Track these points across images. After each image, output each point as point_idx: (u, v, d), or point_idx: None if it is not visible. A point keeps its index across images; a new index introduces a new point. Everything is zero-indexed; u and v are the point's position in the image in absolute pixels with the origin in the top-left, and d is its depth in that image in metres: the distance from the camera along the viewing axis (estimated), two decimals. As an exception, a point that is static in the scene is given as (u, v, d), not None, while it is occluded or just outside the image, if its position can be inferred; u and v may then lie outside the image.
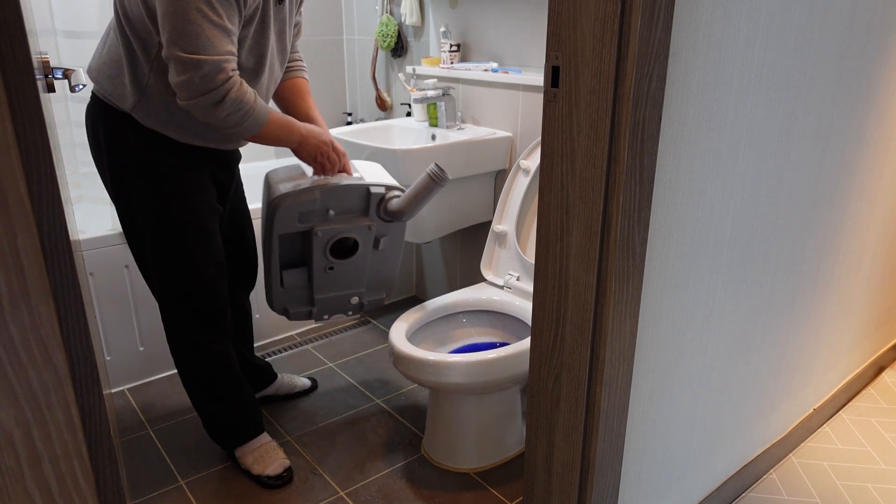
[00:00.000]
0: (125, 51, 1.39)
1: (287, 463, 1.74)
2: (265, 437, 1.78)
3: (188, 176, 1.50)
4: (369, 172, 1.69)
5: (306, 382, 2.13)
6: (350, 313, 1.80)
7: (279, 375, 2.06)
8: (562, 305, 1.09)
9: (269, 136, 1.45)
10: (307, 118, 1.67)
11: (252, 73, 1.46)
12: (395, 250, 1.74)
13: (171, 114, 1.42)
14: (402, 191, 1.64)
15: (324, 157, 1.57)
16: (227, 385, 1.69)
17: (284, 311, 1.73)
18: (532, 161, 1.91)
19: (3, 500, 0.78)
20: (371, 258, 1.70)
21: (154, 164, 1.46)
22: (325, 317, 1.77)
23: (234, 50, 1.30)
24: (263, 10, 1.40)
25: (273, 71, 1.53)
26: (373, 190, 1.59)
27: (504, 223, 1.96)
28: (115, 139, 1.46)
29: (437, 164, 1.53)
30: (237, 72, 1.32)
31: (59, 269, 0.74)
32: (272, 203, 1.54)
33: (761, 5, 1.09)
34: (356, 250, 1.65)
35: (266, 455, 1.73)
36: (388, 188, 1.61)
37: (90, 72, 1.47)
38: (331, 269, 1.66)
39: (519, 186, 1.94)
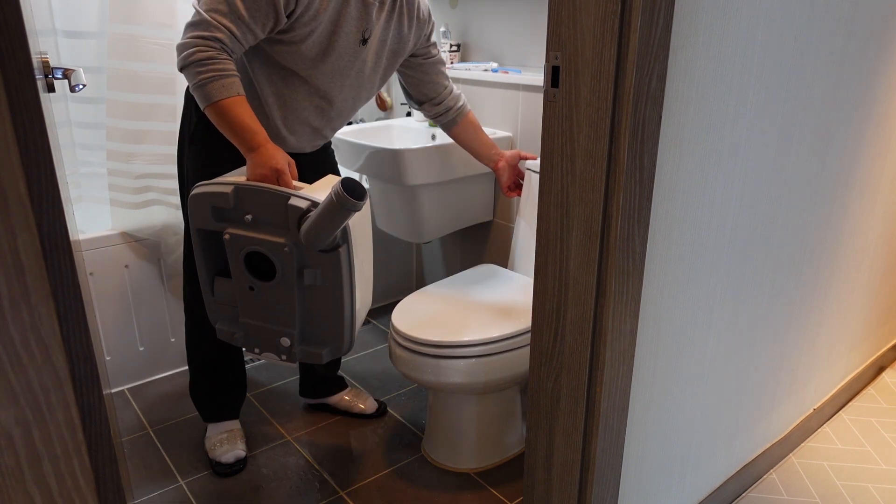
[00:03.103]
0: None
1: (241, 454, 1.78)
2: (235, 424, 1.84)
3: (230, 158, 1.52)
4: (325, 188, 1.35)
5: (369, 406, 2.00)
6: (283, 358, 1.42)
7: (344, 391, 2.01)
8: (562, 305, 1.09)
9: (222, 129, 1.38)
10: (485, 150, 1.83)
11: (305, 89, 1.51)
12: (333, 293, 1.34)
13: None
14: None
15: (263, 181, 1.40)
16: (227, 366, 1.77)
17: (214, 325, 1.49)
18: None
19: (3, 499, 0.78)
20: (300, 294, 1.36)
21: (202, 136, 1.54)
22: (256, 350, 1.44)
23: (237, 31, 1.33)
24: (330, 39, 1.43)
25: (339, 104, 1.57)
26: (292, 202, 1.26)
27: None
28: (184, 108, 1.61)
29: (344, 183, 1.16)
30: (220, 42, 1.33)
31: (59, 269, 0.74)
32: (190, 190, 1.37)
33: (761, 5, 1.09)
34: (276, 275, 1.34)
35: (226, 441, 1.79)
36: (316, 205, 1.26)
37: None
38: (252, 289, 1.36)
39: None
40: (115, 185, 1.98)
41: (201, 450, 1.84)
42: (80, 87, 1.30)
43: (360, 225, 1.37)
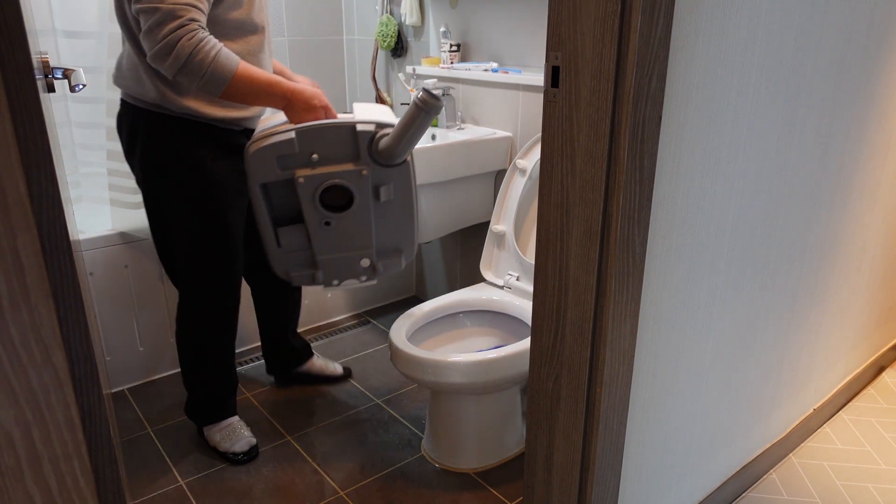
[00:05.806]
0: (133, 46, 1.45)
1: (253, 441, 1.81)
2: (234, 419, 1.86)
3: (220, 168, 1.55)
4: (369, 113, 1.47)
5: (338, 369, 2.18)
6: (364, 279, 1.55)
7: (314, 356, 2.16)
8: (562, 305, 1.09)
9: (249, 95, 1.38)
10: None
11: (255, 38, 1.50)
12: (404, 202, 1.49)
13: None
14: None
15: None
16: (218, 368, 1.78)
17: (287, 275, 1.55)
18: (528, 160, 1.91)
19: (3, 500, 0.78)
20: (376, 212, 1.49)
21: (188, 156, 1.53)
22: (335, 282, 1.55)
23: (198, 3, 1.29)
24: None
25: (267, 30, 1.57)
26: (359, 128, 1.38)
27: (502, 223, 1.96)
28: (150, 136, 1.52)
29: (426, 89, 1.31)
30: (197, 23, 1.28)
31: (59, 269, 0.74)
32: (246, 149, 1.43)
33: (761, 5, 1.09)
34: (353, 202, 1.45)
35: (233, 433, 1.81)
36: (380, 126, 1.39)
37: (115, 81, 1.54)
38: (327, 223, 1.46)
39: (516, 186, 1.94)
40: (115, 185, 1.98)
41: (201, 450, 1.84)
42: (80, 87, 1.30)
43: None
